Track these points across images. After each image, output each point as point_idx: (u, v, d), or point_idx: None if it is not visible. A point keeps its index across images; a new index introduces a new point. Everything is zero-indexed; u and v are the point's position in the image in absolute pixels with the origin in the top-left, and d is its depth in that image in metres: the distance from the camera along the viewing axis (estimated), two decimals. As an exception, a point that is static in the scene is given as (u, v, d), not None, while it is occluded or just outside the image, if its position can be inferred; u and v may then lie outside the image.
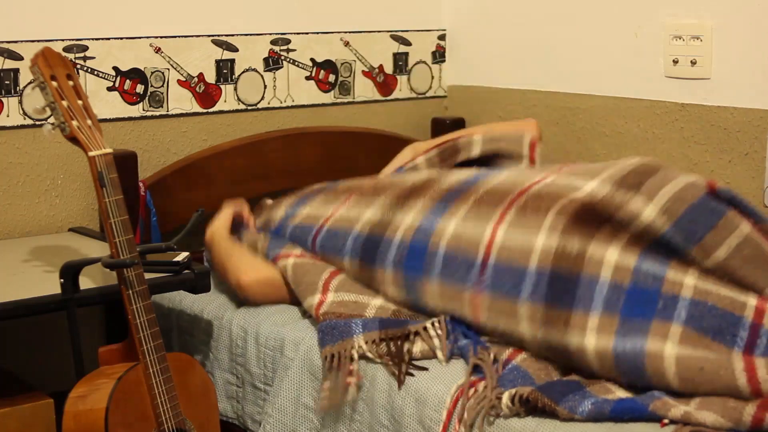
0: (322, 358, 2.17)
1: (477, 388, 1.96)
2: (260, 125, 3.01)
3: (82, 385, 2.05)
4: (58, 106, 2.02)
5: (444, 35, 3.31)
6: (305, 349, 2.25)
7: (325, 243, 2.40)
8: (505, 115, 3.15)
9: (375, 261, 2.29)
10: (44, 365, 2.62)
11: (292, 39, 3.03)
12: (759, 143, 2.55)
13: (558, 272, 2.00)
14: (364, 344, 2.14)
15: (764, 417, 1.74)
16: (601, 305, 1.95)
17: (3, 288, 2.16)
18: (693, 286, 1.93)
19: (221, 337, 2.45)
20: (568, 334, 1.96)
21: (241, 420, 2.41)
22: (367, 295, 2.30)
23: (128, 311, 2.04)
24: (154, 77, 2.81)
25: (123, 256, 2.02)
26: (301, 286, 2.34)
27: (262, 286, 2.42)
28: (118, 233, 2.03)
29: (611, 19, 2.84)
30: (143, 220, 2.69)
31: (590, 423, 1.82)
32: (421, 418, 2.01)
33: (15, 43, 2.59)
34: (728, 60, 2.59)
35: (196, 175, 2.83)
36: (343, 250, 2.36)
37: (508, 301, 2.05)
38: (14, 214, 2.65)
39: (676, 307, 1.91)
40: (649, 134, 2.78)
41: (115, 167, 2.05)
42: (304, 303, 2.32)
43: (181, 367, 2.14)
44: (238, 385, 2.41)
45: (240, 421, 2.42)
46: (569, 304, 1.98)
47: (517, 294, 2.03)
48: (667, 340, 1.87)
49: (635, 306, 1.93)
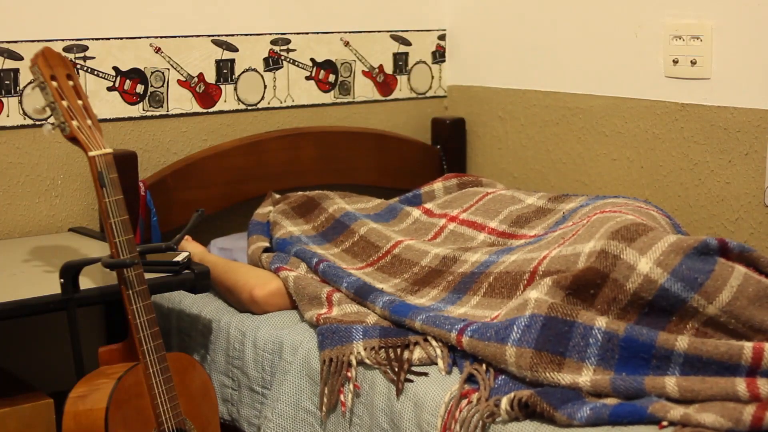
0: (320, 362, 2.17)
1: (471, 398, 1.95)
2: (260, 125, 3.01)
3: (82, 385, 2.05)
4: (58, 106, 2.02)
5: (444, 35, 3.31)
6: (304, 352, 2.25)
7: (326, 270, 2.41)
8: (505, 115, 3.15)
9: (367, 300, 2.30)
10: (44, 365, 2.62)
11: (292, 39, 3.03)
12: (759, 143, 2.55)
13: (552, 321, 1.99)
14: (363, 351, 2.14)
15: (764, 416, 1.74)
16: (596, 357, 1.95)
17: (3, 288, 2.16)
18: (687, 341, 1.91)
19: (218, 339, 2.45)
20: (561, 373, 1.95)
21: (236, 423, 2.41)
22: (367, 308, 2.31)
23: (128, 311, 2.03)
24: (154, 77, 2.81)
25: (123, 256, 2.02)
26: (303, 298, 2.35)
27: (275, 297, 2.42)
28: (118, 233, 2.03)
29: (611, 19, 2.84)
30: (143, 220, 2.69)
31: (589, 428, 1.82)
32: (419, 423, 2.01)
33: (15, 43, 2.59)
34: (728, 60, 2.59)
35: (196, 175, 2.83)
36: (340, 282, 2.37)
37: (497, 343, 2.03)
38: (14, 214, 2.65)
39: (670, 364, 1.91)
40: (649, 134, 2.79)
41: (115, 167, 2.05)
42: (306, 314, 2.32)
43: (181, 367, 2.14)
44: (234, 388, 2.41)
45: (235, 424, 2.41)
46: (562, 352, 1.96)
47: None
48: (665, 384, 1.87)
49: (629, 361, 1.93)
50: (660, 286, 1.98)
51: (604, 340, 1.94)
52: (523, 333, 1.97)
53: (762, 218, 2.57)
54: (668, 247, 2.01)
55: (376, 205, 2.78)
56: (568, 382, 1.91)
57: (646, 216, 2.24)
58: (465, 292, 2.29)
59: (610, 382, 1.88)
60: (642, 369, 1.92)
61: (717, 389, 1.82)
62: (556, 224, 2.43)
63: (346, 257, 2.55)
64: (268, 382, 2.32)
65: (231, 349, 2.42)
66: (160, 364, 2.05)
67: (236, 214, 2.95)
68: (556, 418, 1.84)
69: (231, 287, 2.47)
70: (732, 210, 2.62)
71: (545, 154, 3.06)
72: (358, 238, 2.59)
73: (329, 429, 2.18)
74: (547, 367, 1.93)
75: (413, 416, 2.03)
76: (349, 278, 2.35)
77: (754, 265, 2.04)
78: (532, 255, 2.24)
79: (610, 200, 2.39)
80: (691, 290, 1.97)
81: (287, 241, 2.58)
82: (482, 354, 2.01)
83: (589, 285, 2.04)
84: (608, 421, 1.81)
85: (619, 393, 1.87)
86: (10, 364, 2.50)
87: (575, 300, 2.04)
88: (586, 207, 2.40)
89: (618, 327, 1.96)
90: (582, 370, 1.93)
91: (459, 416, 1.93)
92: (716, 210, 2.65)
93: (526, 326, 1.97)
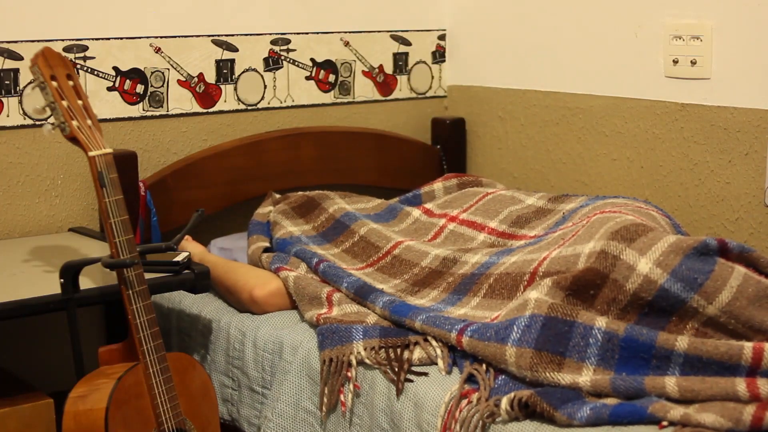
0: (320, 361, 2.17)
1: (471, 398, 1.95)
2: (260, 125, 3.01)
3: (82, 385, 2.05)
4: (58, 106, 2.02)
5: (444, 35, 3.31)
6: (304, 352, 2.25)
7: (326, 270, 2.41)
8: (504, 115, 3.15)
9: (367, 300, 2.30)
10: (44, 365, 2.62)
11: (292, 39, 3.03)
12: (759, 143, 2.55)
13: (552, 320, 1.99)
14: (363, 350, 2.14)
15: (764, 416, 1.74)
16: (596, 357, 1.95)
17: (3, 288, 2.16)
18: (687, 341, 1.91)
19: (218, 340, 2.45)
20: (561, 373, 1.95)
21: (236, 423, 2.41)
22: (367, 308, 2.30)
23: (128, 311, 2.03)
24: (154, 77, 2.81)
25: (123, 256, 2.02)
26: (303, 299, 2.35)
27: (275, 297, 2.42)
28: (118, 233, 2.03)
29: (611, 19, 2.84)
30: (143, 220, 2.69)
31: (589, 428, 1.82)
32: (419, 423, 2.01)
33: (15, 43, 2.59)
34: (728, 60, 2.59)
35: (196, 175, 2.83)
36: (340, 283, 2.37)
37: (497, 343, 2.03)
38: (14, 214, 2.65)
39: (670, 364, 1.91)
40: (649, 134, 2.79)
41: (115, 167, 2.05)
42: (306, 314, 2.32)
43: (181, 367, 2.13)
44: (234, 388, 2.41)
45: (235, 424, 2.41)
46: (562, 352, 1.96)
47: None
48: (665, 384, 1.87)
49: (629, 361, 1.93)
50: (660, 286, 1.98)
51: (604, 340, 1.94)
52: (523, 333, 1.97)
53: (762, 218, 2.57)
54: (668, 247, 2.01)
55: (376, 206, 2.78)
56: (568, 382, 1.91)
57: (646, 216, 2.24)
58: (465, 293, 2.29)
59: (610, 382, 1.88)
60: (642, 369, 1.92)
61: (717, 389, 1.82)
62: (556, 225, 2.43)
63: (346, 257, 2.55)
64: (268, 382, 2.32)
65: (231, 349, 2.42)
66: (160, 364, 2.05)
67: (236, 214, 2.95)
68: (556, 418, 1.84)
69: (231, 287, 2.47)
70: (732, 210, 2.62)
71: (545, 154, 3.06)
72: (358, 238, 2.59)
73: (329, 429, 2.18)
74: (547, 367, 1.93)
75: (413, 416, 2.03)
76: (349, 278, 2.35)
77: (754, 266, 2.04)
78: (532, 256, 2.24)
79: (609, 200, 2.39)
80: (690, 290, 1.97)
81: (287, 241, 2.58)
82: (482, 354, 2.01)
83: (589, 285, 2.04)
84: (608, 421, 1.81)
85: (619, 393, 1.87)
86: (10, 364, 2.50)
87: (575, 300, 2.04)
88: (586, 207, 2.40)
89: (618, 327, 1.96)
90: (582, 370, 1.93)
91: (459, 416, 1.93)
92: (716, 210, 2.65)
93: (526, 326, 1.97)
